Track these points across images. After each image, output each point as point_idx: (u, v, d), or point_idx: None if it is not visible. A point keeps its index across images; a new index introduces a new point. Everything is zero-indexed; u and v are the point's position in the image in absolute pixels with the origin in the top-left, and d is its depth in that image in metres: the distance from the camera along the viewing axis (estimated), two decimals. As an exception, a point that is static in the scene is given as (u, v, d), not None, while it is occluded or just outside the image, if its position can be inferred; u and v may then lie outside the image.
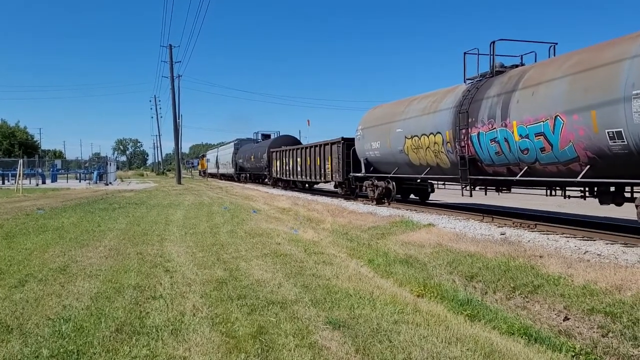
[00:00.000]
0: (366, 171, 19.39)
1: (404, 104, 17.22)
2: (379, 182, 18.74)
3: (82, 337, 4.67)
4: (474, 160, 12.81)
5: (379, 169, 18.78)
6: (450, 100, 13.94)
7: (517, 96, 11.17)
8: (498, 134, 11.65)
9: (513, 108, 11.21)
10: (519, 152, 11.14)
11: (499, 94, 11.81)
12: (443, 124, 13.94)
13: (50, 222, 13.80)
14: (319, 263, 8.36)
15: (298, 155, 28.56)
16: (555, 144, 10.12)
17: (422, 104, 15.67)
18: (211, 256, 8.84)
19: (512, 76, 11.87)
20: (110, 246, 9.79)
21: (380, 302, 6.00)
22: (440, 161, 14.35)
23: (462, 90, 13.63)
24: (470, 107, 12.67)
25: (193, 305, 5.71)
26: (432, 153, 14.57)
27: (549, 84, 10.39)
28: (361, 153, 19.66)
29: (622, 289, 6.19)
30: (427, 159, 15.00)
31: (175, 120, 47.36)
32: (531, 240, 9.76)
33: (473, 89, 13.06)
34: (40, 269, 7.62)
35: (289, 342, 4.60)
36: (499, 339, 5.17)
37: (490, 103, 12.01)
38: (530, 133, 10.67)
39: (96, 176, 44.38)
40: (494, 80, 12.48)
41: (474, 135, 12.51)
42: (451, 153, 13.62)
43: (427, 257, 9.25)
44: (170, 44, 46.05)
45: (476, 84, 13.16)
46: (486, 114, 12.09)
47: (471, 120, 12.60)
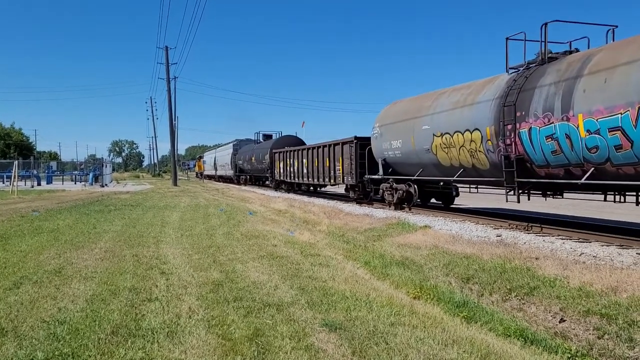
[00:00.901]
0: (384, 173, 17.69)
1: (430, 97, 15.38)
2: (399, 185, 17.07)
3: (77, 339, 4.65)
4: (522, 160, 11.17)
5: (399, 170, 17.06)
6: (491, 92, 12.22)
7: (583, 84, 9.50)
8: (557, 129, 9.99)
9: (578, 98, 9.54)
10: (585, 150, 9.48)
11: (557, 82, 10.15)
12: (482, 119, 12.24)
13: (46, 224, 13.74)
14: (315, 265, 8.35)
15: (304, 156, 26.80)
16: (637, 141, 8.51)
17: (453, 97, 13.86)
18: (207, 258, 8.81)
19: (573, 62, 10.17)
20: (105, 248, 9.75)
21: (376, 304, 6.00)
22: (478, 162, 12.65)
23: (506, 80, 11.94)
24: (519, 99, 11.01)
25: (189, 308, 5.70)
26: (468, 153, 12.83)
27: (628, 67, 8.75)
28: (378, 153, 17.93)
29: (618, 291, 6.21)
30: (460, 160, 13.27)
31: (171, 121, 47.31)
32: (527, 242, 9.78)
33: (520, 78, 11.36)
34: (35, 271, 7.59)
35: (285, 344, 4.59)
36: (495, 340, 5.17)
37: (546, 93, 10.37)
38: (602, 128, 9.04)
39: (92, 178, 44.25)
40: (548, 68, 10.80)
41: (523, 131, 10.86)
42: (492, 152, 11.95)
43: (423, 259, 9.26)
44: (167, 46, 46.04)
45: (523, 73, 11.45)
46: (540, 107, 10.44)
47: (520, 114, 10.95)
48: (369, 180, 19.07)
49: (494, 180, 12.50)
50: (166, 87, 46.51)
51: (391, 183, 17.50)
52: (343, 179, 21.45)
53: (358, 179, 19.80)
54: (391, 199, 17.50)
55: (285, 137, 36.25)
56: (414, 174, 15.87)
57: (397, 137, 16.43)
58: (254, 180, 43.36)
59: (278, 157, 32.32)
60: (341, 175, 21.52)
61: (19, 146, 79.58)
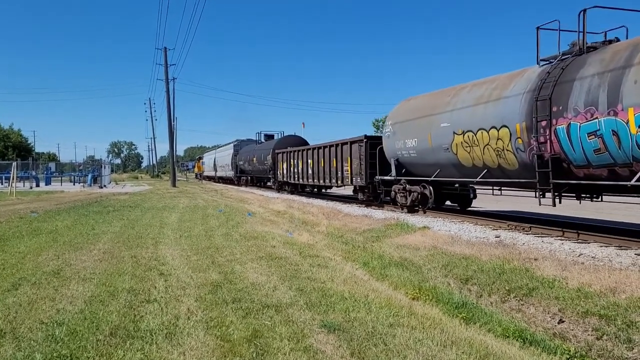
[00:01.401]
0: (397, 174, 16.58)
1: (449, 93, 14.33)
2: (413, 187, 16.04)
3: (76, 341, 4.64)
4: (558, 160, 10.20)
5: (414, 171, 15.97)
6: (521, 85, 11.27)
7: (633, 74, 8.62)
8: (601, 125, 9.11)
9: (628, 90, 8.67)
10: (635, 148, 8.61)
11: (602, 73, 9.30)
12: (510, 114, 11.29)
13: (44, 225, 13.72)
14: (314, 266, 8.35)
15: (309, 156, 25.69)
16: None
17: (476, 92, 12.91)
18: (206, 259, 8.81)
19: (619, 51, 9.33)
20: (104, 249, 9.74)
21: (375, 305, 5.99)
22: (505, 161, 11.68)
23: (537, 72, 11.04)
24: (555, 92, 10.09)
25: (188, 309, 5.69)
26: (493, 152, 11.85)
27: None
28: (391, 153, 16.86)
29: (617, 292, 6.21)
30: (484, 159, 12.27)
31: (169, 122, 47.27)
32: (526, 242, 9.78)
33: (555, 69, 10.45)
34: (34, 272, 7.58)
35: (284, 345, 4.59)
36: (494, 341, 5.18)
37: (588, 86, 9.48)
38: None
39: (90, 179, 44.20)
40: (588, 58, 9.94)
41: (560, 128, 9.93)
42: (522, 151, 11.05)
43: (422, 260, 9.26)
44: (165, 47, 45.98)
45: (558, 64, 10.54)
46: (581, 101, 9.54)
47: (556, 108, 10.02)
48: (380, 182, 18.14)
49: (523, 182, 11.59)
50: (165, 88, 46.50)
51: (404, 184, 16.53)
52: (351, 180, 20.48)
53: (368, 180, 18.86)
54: (404, 202, 16.55)
55: (288, 137, 34.90)
56: (430, 175, 14.83)
57: (412, 135, 15.38)
58: (256, 181, 42.43)
59: (281, 158, 31.28)
60: (349, 176, 20.56)
61: (17, 147, 79.49)
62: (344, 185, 21.99)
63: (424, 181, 15.51)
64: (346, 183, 21.40)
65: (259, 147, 38.73)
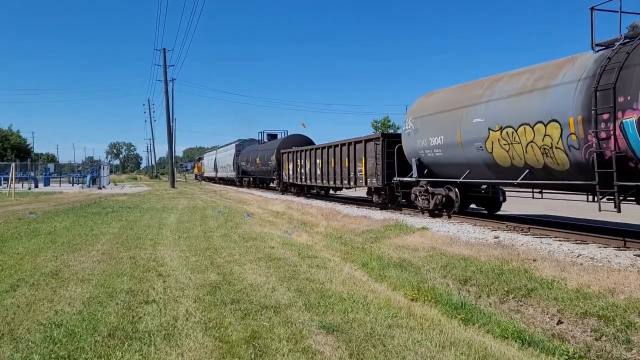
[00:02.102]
0: (419, 175, 15.06)
1: (480, 85, 12.82)
2: (437, 189, 14.57)
3: (74, 342, 4.63)
4: (624, 159, 8.89)
5: (438, 172, 14.47)
6: (573, 73, 9.94)
7: None
8: None
9: None
10: None
11: None
12: (562, 107, 9.94)
13: (43, 226, 13.71)
14: (312, 267, 8.35)
15: (318, 156, 24.04)
16: None
17: (516, 83, 11.43)
18: (205, 260, 8.80)
19: None
20: (103, 250, 9.73)
21: (374, 306, 5.99)
22: (552, 161, 10.32)
23: (594, 58, 9.71)
24: (620, 80, 8.82)
25: (186, 310, 5.69)
26: (539, 149, 10.48)
27: None
28: (412, 152, 15.28)
29: (615, 293, 6.22)
30: (526, 158, 10.87)
31: (168, 123, 47.30)
32: (524, 243, 9.78)
33: (618, 54, 9.16)
34: (32, 273, 7.57)
35: (283, 346, 4.58)
36: (492, 342, 5.17)
37: None
38: None
39: (89, 180, 44.17)
40: None
41: (628, 121, 8.69)
42: (576, 149, 9.73)
43: (421, 261, 9.25)
44: (164, 48, 46.06)
45: (621, 49, 9.20)
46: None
47: (623, 99, 8.75)
48: (399, 183, 16.59)
49: (576, 185, 10.23)
50: (164, 89, 46.51)
51: (426, 186, 15.03)
52: (366, 182, 18.90)
53: (385, 182, 17.32)
54: (426, 205, 15.04)
55: (293, 136, 33.06)
56: (458, 175, 13.30)
57: (437, 132, 13.85)
58: (258, 182, 41.06)
59: (287, 158, 29.65)
60: (363, 177, 18.97)
61: (16, 148, 79.41)
62: (357, 186, 20.43)
63: (449, 183, 14.07)
64: (360, 184, 19.80)
65: (262, 147, 37.11)
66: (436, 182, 14.65)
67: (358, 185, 20.13)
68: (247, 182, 42.96)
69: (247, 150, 41.91)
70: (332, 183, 22.76)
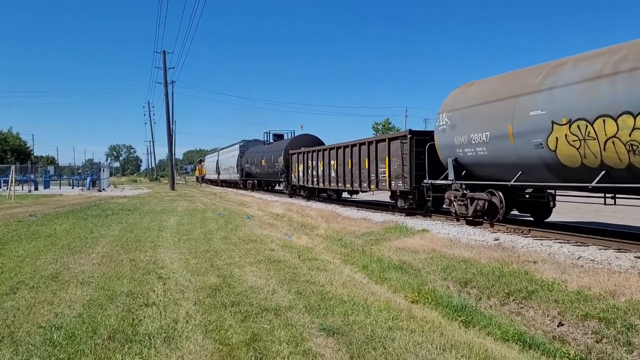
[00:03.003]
0: (456, 177, 13.29)
1: (537, 72, 10.89)
2: (477, 194, 12.82)
3: (74, 345, 4.63)
4: None
5: (480, 173, 12.69)
6: None
7: None
8: None
9: None
10: None
11: None
12: None
13: (43, 228, 13.71)
14: (312, 269, 8.34)
15: (332, 156, 22.24)
16: None
17: (588, 67, 9.63)
18: (205, 263, 8.80)
19: None
20: (103, 253, 9.73)
21: (374, 308, 5.99)
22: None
23: None
24: None
25: (186, 313, 5.68)
26: (623, 146, 8.83)
27: None
28: (447, 151, 13.54)
29: (616, 295, 6.21)
30: (603, 157, 9.22)
31: (168, 126, 47.31)
32: (525, 245, 9.77)
33: None
34: (32, 276, 7.56)
35: (283, 349, 4.58)
36: (493, 345, 5.17)
37: None
38: None
39: (89, 182, 44.18)
40: None
41: None
42: None
43: (421, 263, 9.25)
44: (164, 50, 46.09)
45: None
46: None
47: None
48: (430, 187, 14.85)
49: None
50: (164, 92, 46.54)
51: (462, 190, 13.27)
52: (389, 184, 16.98)
53: (414, 185, 15.46)
54: (464, 212, 13.24)
55: (302, 136, 31.22)
56: (507, 178, 11.58)
57: (481, 127, 12.04)
58: (264, 185, 38.99)
59: (296, 159, 27.76)
60: (387, 179, 17.08)
61: (16, 151, 79.47)
62: (380, 190, 18.43)
63: (491, 186, 12.40)
64: (382, 187, 17.85)
65: (268, 148, 35.16)
66: (476, 186, 12.97)
67: (380, 189, 18.20)
68: (251, 184, 41.12)
69: (252, 151, 40.04)
70: (348, 186, 20.82)
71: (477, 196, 12.85)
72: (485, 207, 12.55)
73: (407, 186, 15.75)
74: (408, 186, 15.68)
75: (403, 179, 15.94)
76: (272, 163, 32.54)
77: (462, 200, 13.28)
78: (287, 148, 29.86)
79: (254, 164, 38.07)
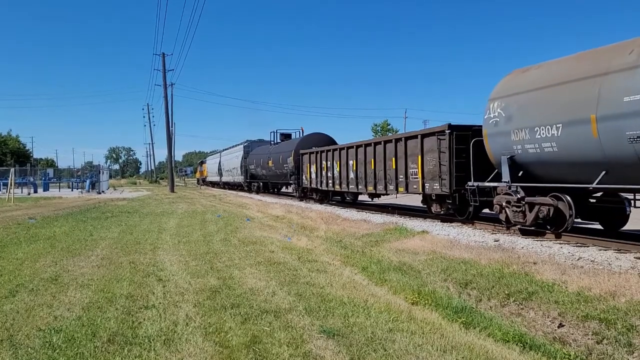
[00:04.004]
0: (512, 178, 11.14)
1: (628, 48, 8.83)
2: (538, 198, 10.68)
3: (73, 348, 4.62)
4: None
5: (545, 174, 10.59)
6: None
7: None
8: None
9: None
10: None
11: None
12: None
13: (42, 231, 13.69)
14: (312, 271, 8.34)
15: (351, 156, 20.17)
16: None
17: None
18: (204, 265, 8.79)
19: None
20: (102, 255, 9.72)
21: (374, 310, 5.98)
22: None
23: None
24: None
25: (186, 315, 5.67)
26: None
27: None
28: (500, 147, 11.35)
29: (616, 295, 6.20)
30: None
31: (168, 128, 47.32)
32: (525, 246, 9.77)
33: None
34: (31, 279, 7.55)
35: (283, 351, 4.57)
36: (493, 346, 5.16)
37: None
38: None
39: (88, 185, 44.18)
40: None
41: None
42: None
43: (421, 265, 9.24)
44: (163, 52, 46.13)
45: None
46: None
47: None
48: (476, 190, 12.55)
49: None
50: (163, 94, 46.57)
51: (516, 194, 11.17)
52: (423, 187, 14.78)
53: (453, 187, 13.37)
54: (520, 219, 11.09)
55: (312, 135, 29.07)
56: (584, 179, 9.57)
57: (549, 118, 9.96)
58: (271, 187, 37.06)
59: (308, 160, 25.75)
60: (419, 180, 14.92)
61: (15, 153, 79.51)
62: (409, 192, 16.13)
63: (557, 189, 10.38)
64: (413, 190, 15.60)
65: (276, 148, 33.08)
66: (536, 189, 10.89)
67: (410, 192, 15.91)
68: (256, 187, 38.87)
69: (257, 152, 37.92)
70: (370, 188, 18.56)
71: (538, 201, 10.66)
72: (551, 214, 10.41)
73: (445, 189, 13.63)
74: (447, 189, 13.56)
75: (440, 180, 13.80)
76: (281, 164, 30.55)
77: (517, 206, 11.15)
78: (297, 148, 27.92)
79: (259, 165, 36.02)
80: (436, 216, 15.04)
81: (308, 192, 26.96)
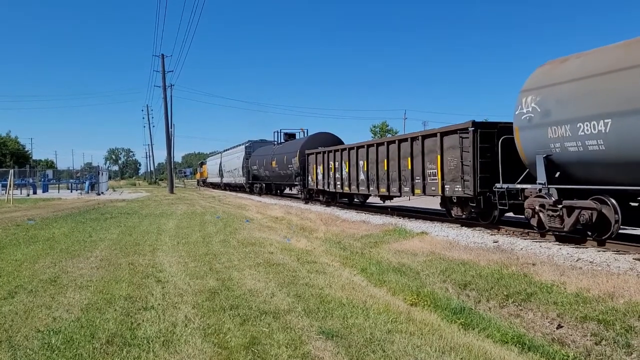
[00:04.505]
0: (549, 180, 10.15)
1: None
2: (578, 202, 9.73)
3: (72, 349, 4.61)
4: None
5: (588, 175, 9.53)
6: None
7: None
8: None
9: None
10: None
11: None
12: None
13: (41, 232, 13.68)
14: (311, 272, 8.34)
15: (361, 156, 19.24)
16: None
17: None
18: (203, 266, 8.78)
19: None
20: (101, 256, 9.71)
21: (373, 311, 5.98)
22: None
23: None
24: None
25: (185, 316, 5.67)
26: None
27: None
28: (534, 146, 10.33)
29: (615, 297, 6.21)
30: None
31: (167, 129, 47.31)
32: (524, 248, 9.78)
33: None
34: (30, 280, 7.54)
35: (282, 352, 4.57)
36: (492, 347, 5.16)
37: None
38: None
39: (88, 186, 44.15)
40: None
41: None
42: None
43: (420, 266, 9.25)
44: (163, 54, 46.15)
45: None
46: None
47: None
48: (505, 192, 11.55)
49: None
50: (162, 95, 46.57)
51: (551, 197, 10.19)
52: (442, 189, 13.80)
53: (478, 190, 12.36)
54: (557, 225, 10.14)
55: (319, 134, 28.21)
56: (635, 181, 8.65)
57: (595, 112, 8.85)
58: (274, 189, 36.02)
59: (314, 160, 24.76)
60: (438, 182, 13.95)
61: (15, 155, 79.39)
62: (426, 195, 15.05)
63: (601, 192, 9.41)
64: (431, 192, 14.60)
65: (280, 148, 31.96)
66: (575, 191, 9.92)
67: (428, 194, 14.87)
68: (258, 188, 37.67)
69: (260, 152, 36.94)
70: (383, 190, 17.52)
71: (579, 205, 9.67)
72: (593, 219, 9.44)
73: (469, 191, 12.60)
74: (470, 191, 12.53)
75: (463, 182, 12.79)
76: (285, 165, 29.51)
77: (554, 210, 10.18)
78: (302, 148, 26.91)
79: (262, 166, 34.82)
80: (455, 220, 14.26)
81: (314, 193, 26.06)
